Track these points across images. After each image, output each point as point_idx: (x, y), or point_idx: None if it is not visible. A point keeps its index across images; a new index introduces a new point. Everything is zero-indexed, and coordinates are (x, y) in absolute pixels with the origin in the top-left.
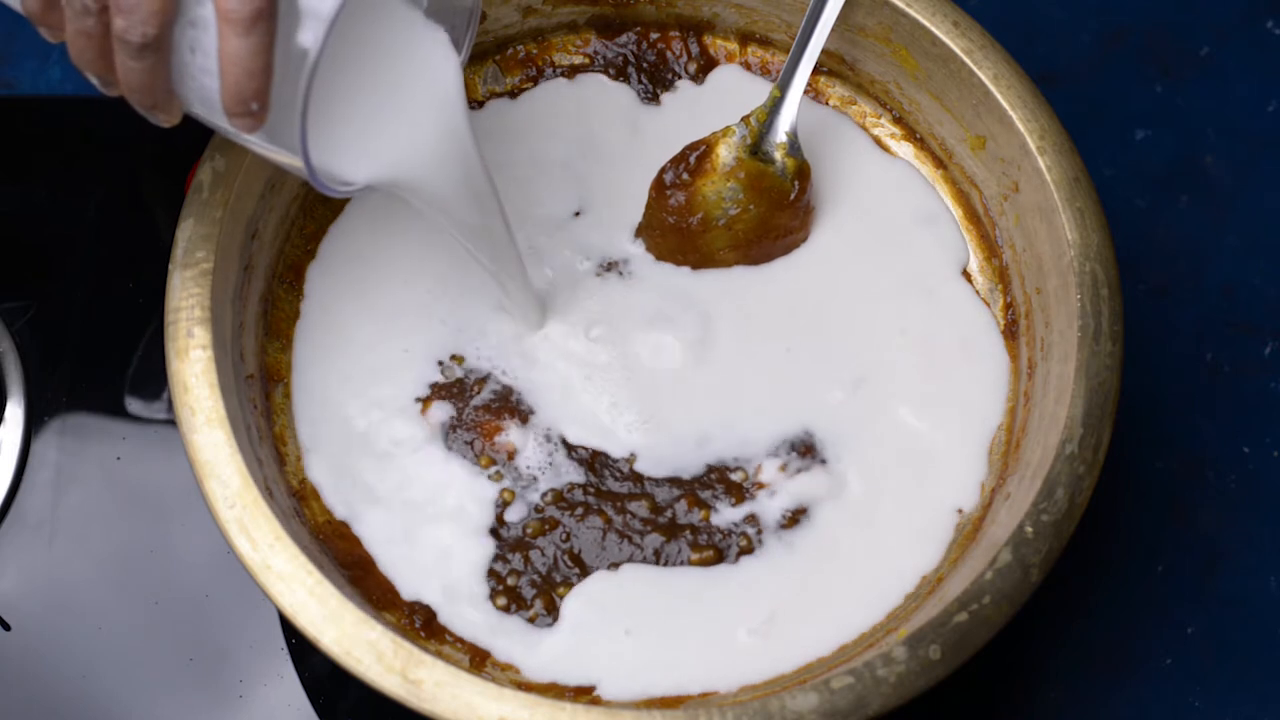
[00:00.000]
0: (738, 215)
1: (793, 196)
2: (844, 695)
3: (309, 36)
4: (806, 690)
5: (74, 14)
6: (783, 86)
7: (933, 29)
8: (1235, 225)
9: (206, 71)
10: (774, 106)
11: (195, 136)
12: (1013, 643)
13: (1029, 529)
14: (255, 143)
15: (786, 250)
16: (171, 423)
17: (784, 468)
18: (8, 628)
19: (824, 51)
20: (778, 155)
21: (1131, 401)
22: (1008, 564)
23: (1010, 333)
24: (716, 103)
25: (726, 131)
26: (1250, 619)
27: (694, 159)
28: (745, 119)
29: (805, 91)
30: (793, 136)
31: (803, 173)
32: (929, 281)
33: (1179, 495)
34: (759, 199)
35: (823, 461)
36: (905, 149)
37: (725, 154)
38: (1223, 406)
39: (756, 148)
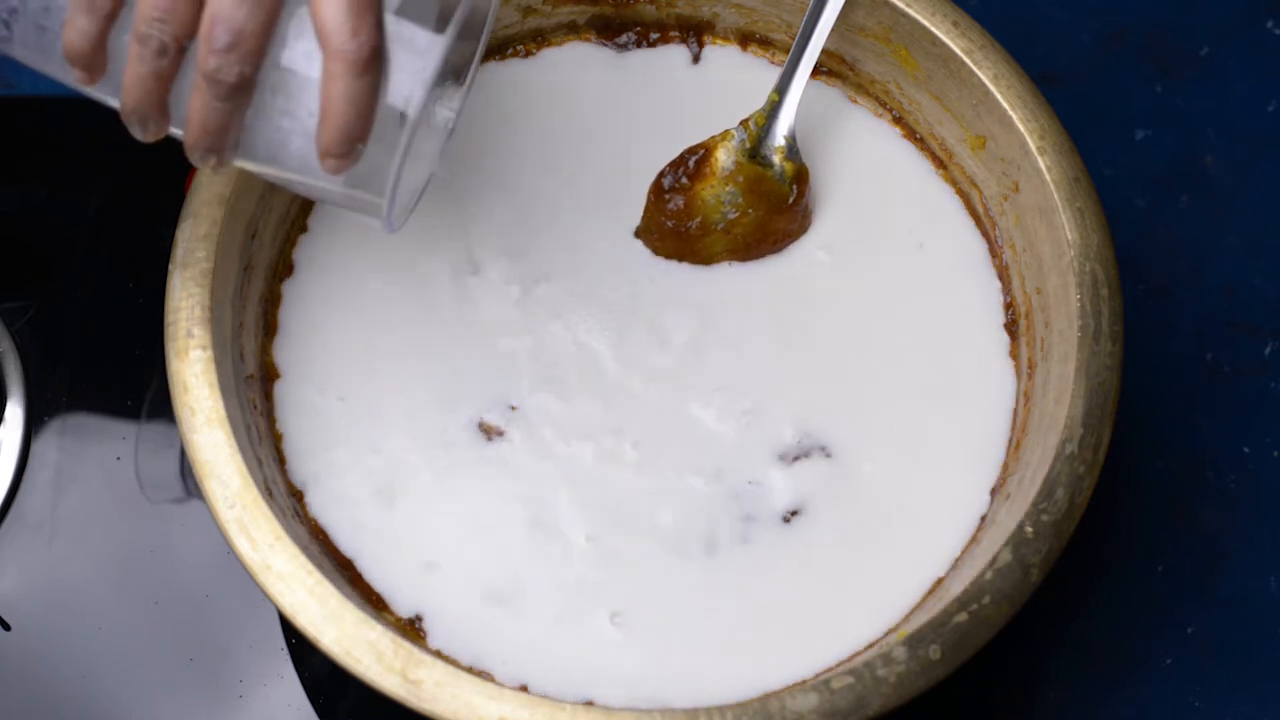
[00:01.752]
0: (736, 219)
1: (791, 200)
2: (844, 695)
3: (413, 82)
4: (806, 690)
5: (148, 54)
6: (781, 90)
7: (933, 29)
8: (1235, 225)
9: (287, 114)
10: (772, 110)
11: None
12: (1013, 643)
13: (1029, 529)
14: (324, 183)
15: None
16: (172, 422)
17: (782, 465)
18: (8, 628)
19: (824, 51)
20: (776, 159)
21: (1131, 401)
22: (1008, 564)
23: (1010, 333)
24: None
25: (725, 135)
26: (1250, 619)
27: (693, 163)
28: (744, 122)
29: (812, 78)
30: (791, 140)
31: (801, 176)
32: (930, 280)
33: (1179, 495)
34: (757, 202)
35: (823, 460)
36: (908, 149)
37: (724, 158)
38: (1223, 406)
39: (755, 151)
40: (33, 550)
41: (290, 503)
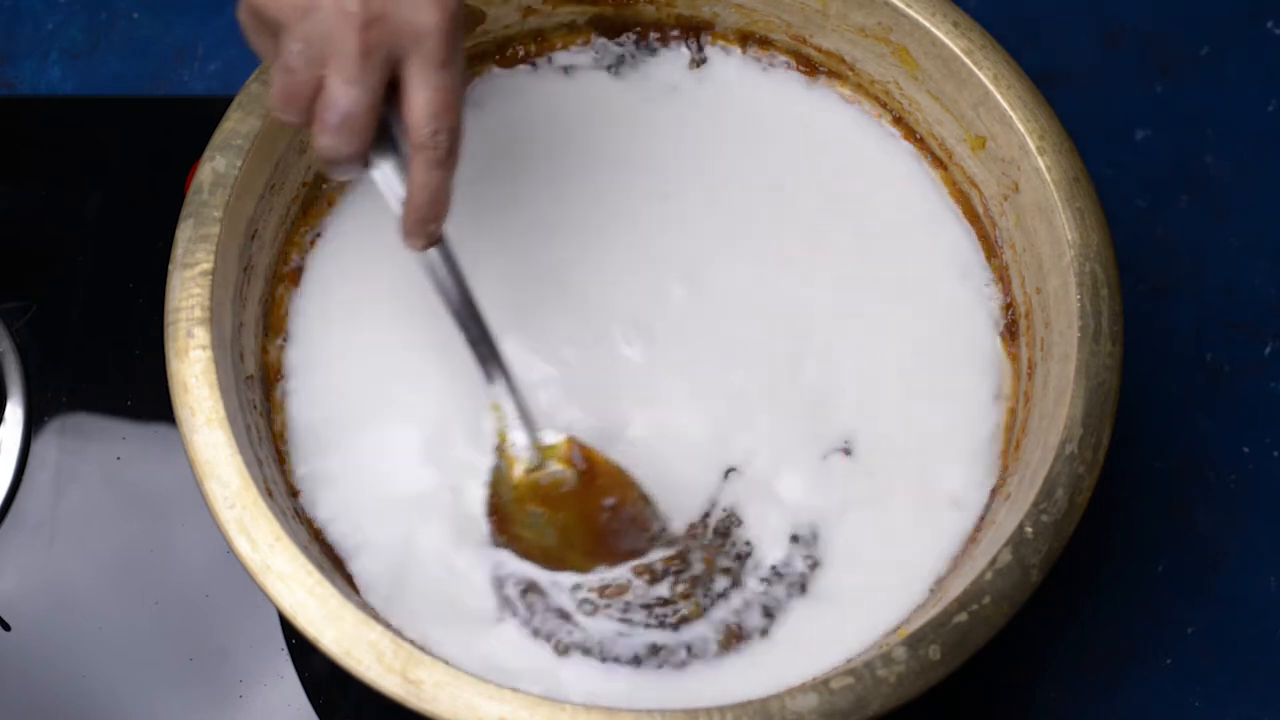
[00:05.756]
0: (557, 534)
1: (610, 501)
2: (844, 695)
3: None
4: (806, 690)
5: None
6: (497, 399)
7: (933, 29)
8: (1235, 225)
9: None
10: (506, 423)
11: (195, 136)
12: (1013, 643)
13: (1029, 529)
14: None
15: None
16: (172, 423)
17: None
18: (8, 628)
19: (824, 51)
20: (557, 465)
21: (1131, 401)
22: (1008, 564)
23: (1010, 333)
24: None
25: (495, 470)
26: (1250, 619)
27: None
28: (497, 448)
29: (810, 74)
30: (567, 442)
31: (600, 468)
32: (929, 280)
33: (1179, 495)
34: (567, 509)
35: (822, 460)
36: (905, 149)
37: (505, 492)
38: (1223, 406)
39: (534, 466)
40: (33, 550)
41: (290, 503)
